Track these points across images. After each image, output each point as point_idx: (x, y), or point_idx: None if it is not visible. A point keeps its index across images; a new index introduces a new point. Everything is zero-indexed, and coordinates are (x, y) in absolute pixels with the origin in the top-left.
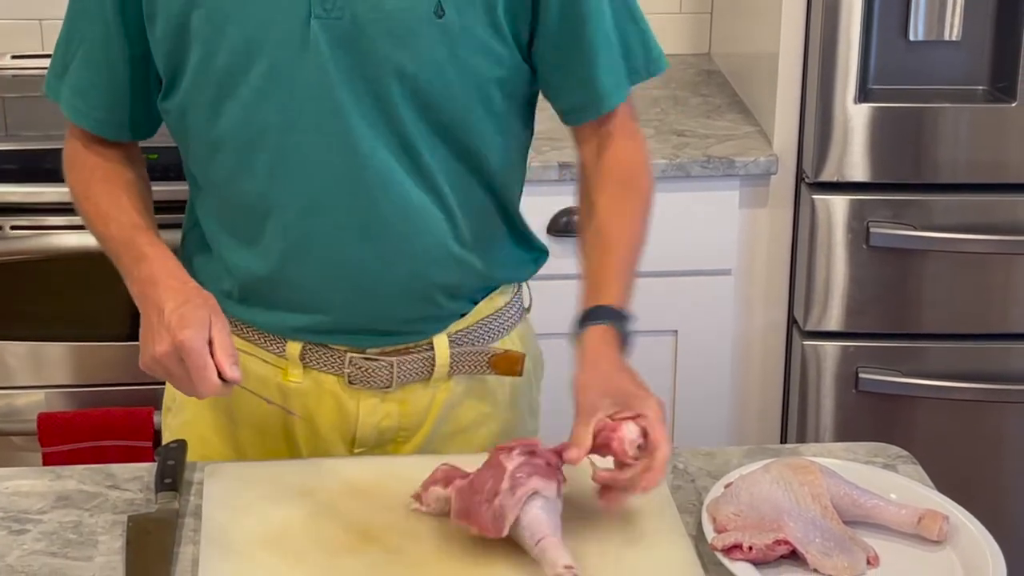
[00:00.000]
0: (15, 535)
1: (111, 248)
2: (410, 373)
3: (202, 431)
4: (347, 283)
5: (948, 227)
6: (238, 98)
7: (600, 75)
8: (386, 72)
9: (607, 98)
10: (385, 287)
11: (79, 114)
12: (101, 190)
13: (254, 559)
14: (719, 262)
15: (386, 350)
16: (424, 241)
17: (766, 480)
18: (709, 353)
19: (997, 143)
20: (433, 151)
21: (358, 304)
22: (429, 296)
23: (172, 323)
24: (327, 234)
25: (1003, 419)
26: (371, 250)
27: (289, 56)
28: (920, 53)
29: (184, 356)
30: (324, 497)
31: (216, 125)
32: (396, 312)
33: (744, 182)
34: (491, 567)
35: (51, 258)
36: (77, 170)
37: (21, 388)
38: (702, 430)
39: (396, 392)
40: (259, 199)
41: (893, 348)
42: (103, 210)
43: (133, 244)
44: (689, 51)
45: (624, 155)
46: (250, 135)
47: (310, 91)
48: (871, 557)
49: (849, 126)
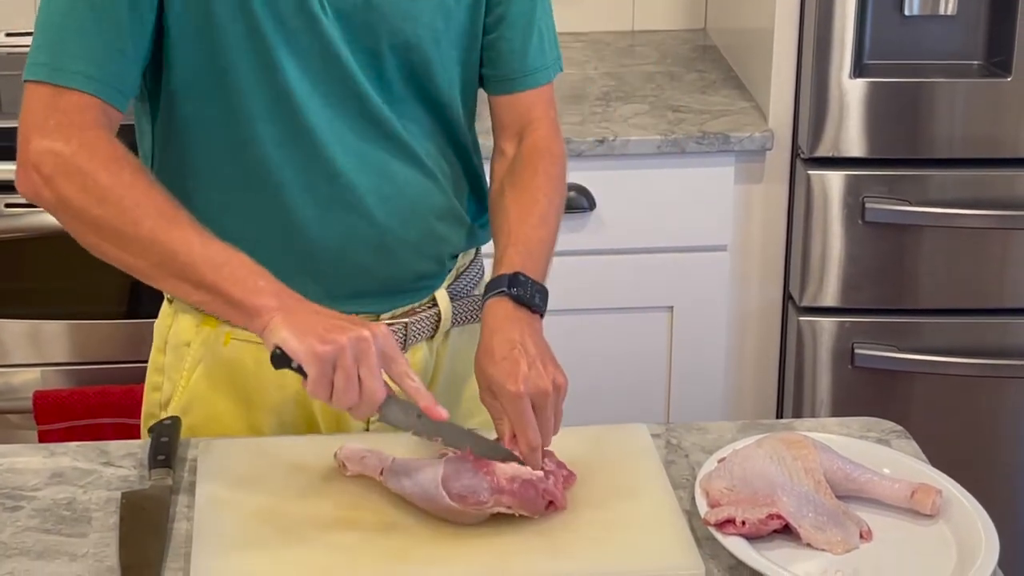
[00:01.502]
0: (9, 512)
1: (199, 255)
2: (420, 332)
3: (219, 429)
4: (369, 244)
5: (944, 202)
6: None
7: (531, 51)
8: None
9: (534, 75)
10: (401, 247)
11: (97, 84)
12: (162, 194)
13: (247, 535)
14: (714, 238)
15: (396, 314)
16: (432, 201)
17: (759, 455)
18: (705, 329)
19: (992, 118)
20: (415, 118)
21: (377, 266)
22: (438, 254)
23: (362, 321)
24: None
25: (999, 394)
26: (388, 211)
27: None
28: (915, 28)
29: (386, 343)
30: (316, 473)
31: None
32: (411, 269)
33: (739, 158)
34: (483, 542)
35: (47, 236)
36: (116, 165)
37: (17, 366)
38: (698, 406)
39: (406, 354)
40: (278, 165)
41: (889, 324)
42: (170, 213)
43: (250, 260)
44: (684, 26)
45: (543, 142)
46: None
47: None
48: (864, 531)
49: (844, 101)
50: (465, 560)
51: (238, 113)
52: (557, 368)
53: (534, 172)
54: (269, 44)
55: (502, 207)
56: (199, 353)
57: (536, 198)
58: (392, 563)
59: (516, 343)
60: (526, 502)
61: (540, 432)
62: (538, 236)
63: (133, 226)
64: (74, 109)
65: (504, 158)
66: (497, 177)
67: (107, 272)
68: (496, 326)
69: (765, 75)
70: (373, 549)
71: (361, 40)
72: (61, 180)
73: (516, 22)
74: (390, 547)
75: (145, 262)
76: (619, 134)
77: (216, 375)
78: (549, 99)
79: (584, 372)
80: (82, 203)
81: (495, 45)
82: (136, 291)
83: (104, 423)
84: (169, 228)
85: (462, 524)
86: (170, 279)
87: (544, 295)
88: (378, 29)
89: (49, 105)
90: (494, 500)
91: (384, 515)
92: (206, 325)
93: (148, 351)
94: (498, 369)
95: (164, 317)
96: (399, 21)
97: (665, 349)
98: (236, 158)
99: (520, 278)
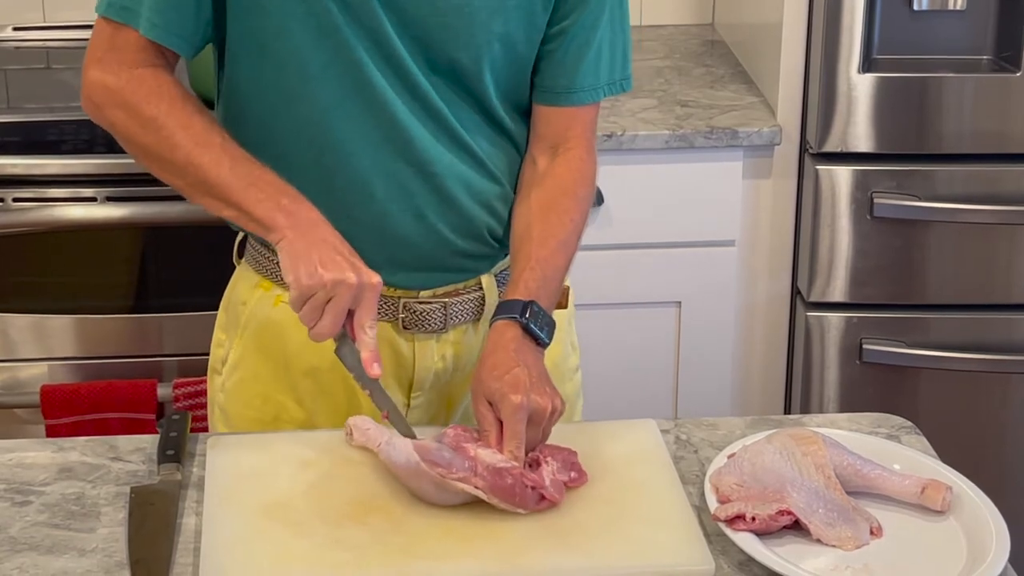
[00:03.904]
0: (18, 507)
1: (227, 175)
2: (461, 314)
3: (260, 388)
4: (410, 218)
5: (952, 197)
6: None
7: (583, 69)
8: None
9: (579, 93)
10: (443, 224)
11: (159, 31)
12: (201, 121)
13: (257, 530)
14: (723, 233)
15: (437, 292)
16: (473, 182)
17: (769, 451)
18: (713, 324)
19: (1001, 113)
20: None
21: (415, 235)
22: (480, 234)
23: (359, 266)
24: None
25: (1007, 390)
26: (431, 190)
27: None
28: (924, 23)
29: (366, 292)
30: (325, 468)
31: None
32: (450, 246)
33: (748, 153)
34: (492, 539)
35: (54, 230)
36: (157, 97)
37: (24, 360)
38: (705, 401)
39: (449, 334)
40: (325, 133)
41: (897, 319)
42: (217, 142)
43: (279, 180)
44: (692, 21)
45: (577, 163)
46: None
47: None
48: (874, 527)
49: (853, 96)
50: (474, 556)
51: (290, 68)
52: (556, 393)
53: (563, 193)
54: (327, 9)
55: (527, 224)
56: (252, 312)
57: (562, 221)
58: (401, 559)
59: (520, 362)
60: (501, 491)
61: (524, 446)
62: (556, 263)
63: (170, 151)
64: (130, 48)
65: (534, 168)
66: (523, 183)
67: (114, 267)
68: (502, 345)
69: (773, 70)
70: (382, 546)
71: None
72: (109, 109)
73: (576, 37)
74: (399, 544)
75: (183, 182)
76: (627, 129)
77: (263, 335)
78: (590, 120)
79: (592, 366)
80: (128, 130)
81: (550, 55)
82: (140, 286)
83: (111, 417)
84: (202, 152)
85: (445, 505)
86: (205, 197)
87: (551, 328)
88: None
89: (109, 40)
90: (466, 476)
91: (393, 512)
92: (261, 287)
93: (153, 346)
94: (502, 382)
95: (233, 278)
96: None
97: (673, 344)
98: (289, 113)
99: (534, 308)
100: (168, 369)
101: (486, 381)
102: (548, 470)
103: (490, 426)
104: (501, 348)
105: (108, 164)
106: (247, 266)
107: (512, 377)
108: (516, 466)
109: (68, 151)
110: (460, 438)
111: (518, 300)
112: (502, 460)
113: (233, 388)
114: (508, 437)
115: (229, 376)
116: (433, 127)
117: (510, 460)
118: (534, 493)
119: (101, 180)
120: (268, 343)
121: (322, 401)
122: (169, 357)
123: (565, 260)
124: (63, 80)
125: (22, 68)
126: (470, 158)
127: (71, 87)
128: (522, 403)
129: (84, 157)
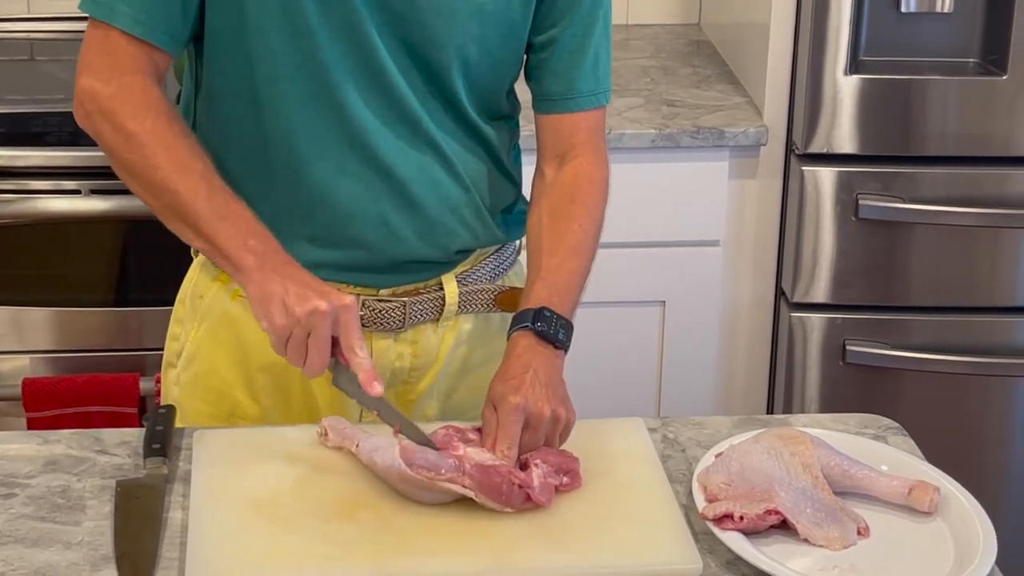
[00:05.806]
0: (3, 499)
1: (202, 206)
2: (421, 314)
3: (215, 382)
4: (374, 223)
5: (937, 200)
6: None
7: (581, 75)
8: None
9: (580, 98)
10: (409, 230)
11: (144, 28)
12: (185, 144)
13: (244, 525)
14: (708, 233)
15: (397, 291)
16: (446, 190)
17: (757, 450)
18: (697, 324)
19: (987, 116)
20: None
21: (378, 242)
22: (444, 244)
23: (330, 292)
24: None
25: (988, 392)
26: (399, 195)
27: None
28: (911, 25)
29: (342, 315)
30: (312, 464)
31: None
32: (412, 253)
33: (733, 153)
34: (480, 537)
35: (36, 223)
36: (144, 112)
37: (5, 353)
38: (689, 401)
39: (407, 333)
40: (288, 137)
41: (880, 320)
42: (196, 168)
43: (252, 218)
44: (679, 21)
45: (584, 168)
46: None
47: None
48: (861, 528)
49: (839, 97)
50: (463, 553)
51: (260, 68)
52: (563, 403)
53: (571, 201)
54: (303, 9)
55: (537, 235)
56: (209, 305)
57: (571, 227)
58: (390, 555)
59: (531, 368)
60: (488, 488)
61: (518, 450)
62: (567, 268)
63: (150, 171)
64: (121, 52)
65: (543, 180)
66: (535, 199)
67: (94, 260)
68: (517, 353)
69: (760, 70)
70: (371, 542)
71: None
72: (97, 119)
73: (567, 45)
74: (388, 540)
75: (158, 203)
76: (613, 128)
77: (220, 328)
78: (596, 125)
79: (575, 365)
80: (112, 142)
81: (544, 64)
82: (123, 280)
83: (93, 411)
84: (180, 177)
85: (428, 504)
86: (176, 222)
87: (568, 330)
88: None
89: (100, 44)
90: (453, 476)
91: (382, 508)
92: (219, 280)
93: (135, 340)
94: (506, 385)
95: (190, 271)
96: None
97: (657, 343)
98: (255, 114)
99: (545, 313)
100: (150, 363)
101: (494, 385)
102: (538, 472)
103: (492, 429)
104: (514, 356)
105: (92, 157)
106: (205, 260)
107: (516, 380)
108: (505, 464)
109: (52, 143)
110: (450, 437)
111: (529, 309)
112: (491, 458)
113: (188, 382)
114: (501, 437)
115: (184, 369)
116: (404, 131)
117: (500, 459)
118: (521, 492)
119: (85, 173)
120: (225, 336)
121: (278, 397)
122: (151, 351)
123: (579, 264)
124: (47, 72)
125: (6, 60)
126: (441, 160)
127: (55, 79)
128: (518, 404)
129: (68, 149)
